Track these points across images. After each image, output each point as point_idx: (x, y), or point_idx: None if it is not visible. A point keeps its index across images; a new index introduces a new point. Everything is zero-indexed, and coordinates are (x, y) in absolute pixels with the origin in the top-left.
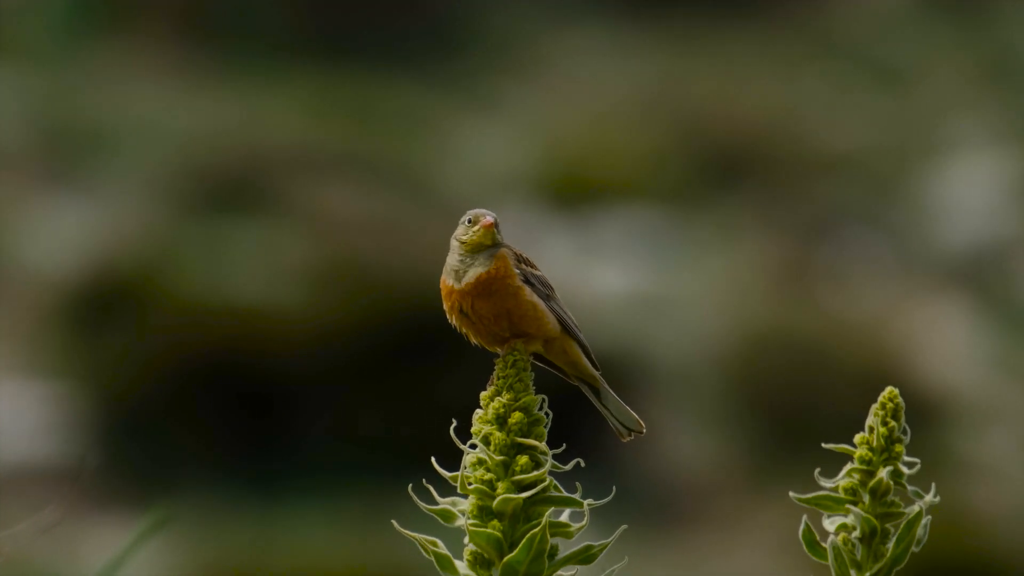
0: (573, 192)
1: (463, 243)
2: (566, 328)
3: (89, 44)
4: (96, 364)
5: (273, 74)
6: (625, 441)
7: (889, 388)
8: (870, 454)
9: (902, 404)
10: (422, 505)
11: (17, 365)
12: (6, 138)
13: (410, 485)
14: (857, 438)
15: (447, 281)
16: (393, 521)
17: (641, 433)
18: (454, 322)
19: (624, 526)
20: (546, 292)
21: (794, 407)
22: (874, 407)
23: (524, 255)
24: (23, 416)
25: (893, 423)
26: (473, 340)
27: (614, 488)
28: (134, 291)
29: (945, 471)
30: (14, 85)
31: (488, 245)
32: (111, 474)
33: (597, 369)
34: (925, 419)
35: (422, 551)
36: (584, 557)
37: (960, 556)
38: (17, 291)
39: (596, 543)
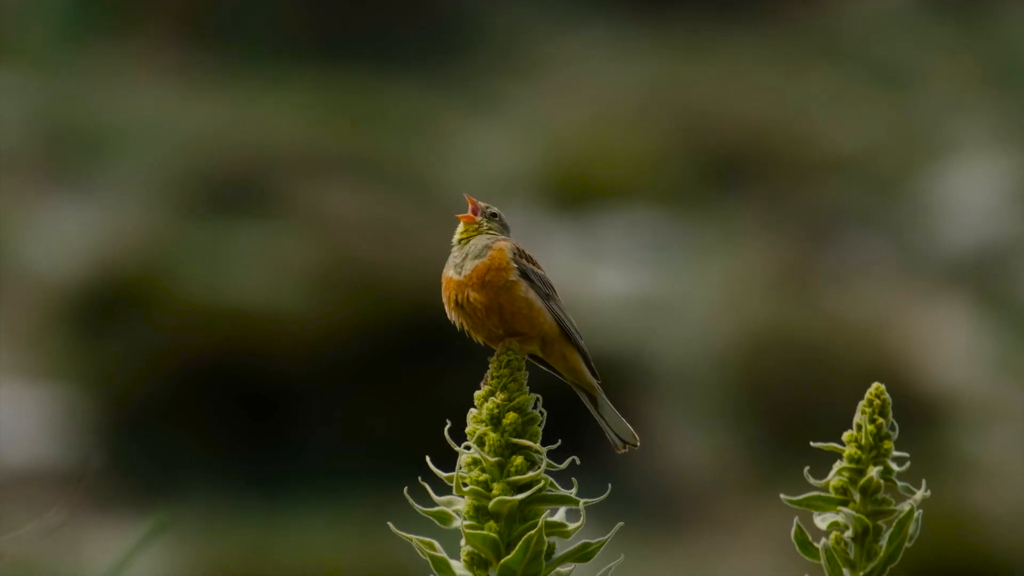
0: (575, 194)
1: (457, 240)
2: (565, 331)
3: (91, 47)
4: (99, 366)
5: (275, 76)
6: (619, 452)
7: (875, 385)
8: (859, 452)
9: (889, 400)
10: (418, 507)
11: (19, 367)
12: (8, 141)
13: (406, 487)
14: (845, 436)
15: (447, 273)
16: (390, 523)
17: (635, 446)
18: (452, 317)
19: (621, 523)
20: (546, 291)
21: (796, 409)
22: (861, 404)
23: (527, 252)
24: (25, 419)
25: (881, 420)
26: (475, 337)
27: (610, 486)
28: (136, 293)
29: (947, 471)
30: (16, 88)
31: (473, 235)
32: (114, 477)
33: (596, 378)
34: (927, 420)
35: (419, 553)
36: (581, 555)
37: (962, 556)
38: (19, 293)
39: (593, 541)
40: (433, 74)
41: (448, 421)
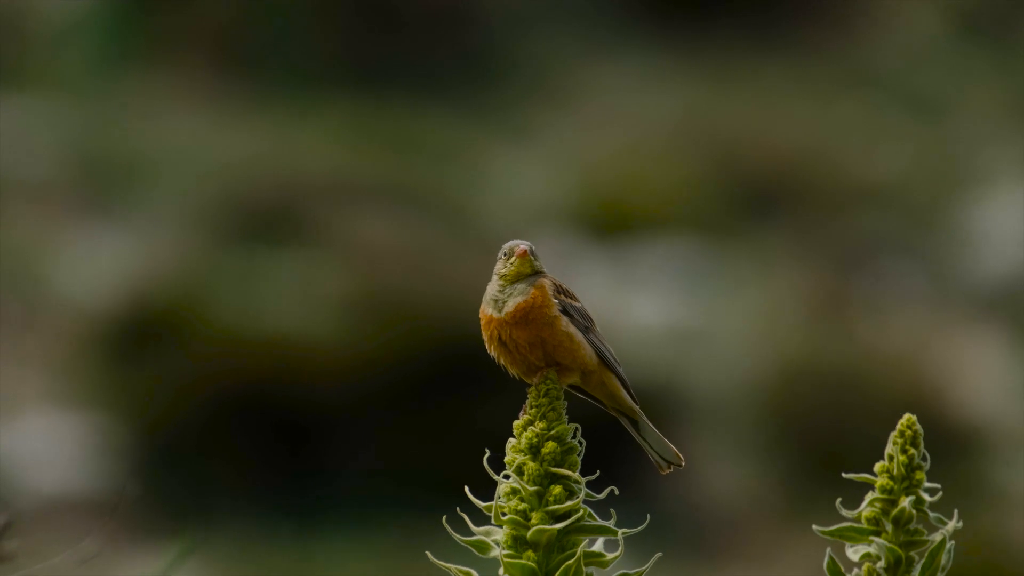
0: (609, 222)
1: (503, 276)
2: (604, 361)
3: (125, 75)
4: (133, 394)
5: (309, 104)
6: (664, 473)
7: (907, 416)
8: (891, 483)
9: (920, 431)
10: (456, 536)
11: (54, 395)
12: (44, 168)
13: (444, 516)
14: (877, 467)
15: (487, 311)
16: (428, 552)
17: (680, 466)
18: (493, 352)
19: (659, 554)
20: (585, 324)
21: (830, 438)
22: (893, 435)
23: (564, 286)
24: (60, 447)
25: (912, 451)
26: (511, 371)
27: (648, 516)
28: (170, 321)
29: (980, 501)
30: (51, 116)
31: (528, 273)
32: (147, 505)
33: (635, 402)
34: (960, 449)
35: None
36: None
37: None
38: (54, 321)
39: (631, 572)
40: (467, 102)
41: (487, 450)
